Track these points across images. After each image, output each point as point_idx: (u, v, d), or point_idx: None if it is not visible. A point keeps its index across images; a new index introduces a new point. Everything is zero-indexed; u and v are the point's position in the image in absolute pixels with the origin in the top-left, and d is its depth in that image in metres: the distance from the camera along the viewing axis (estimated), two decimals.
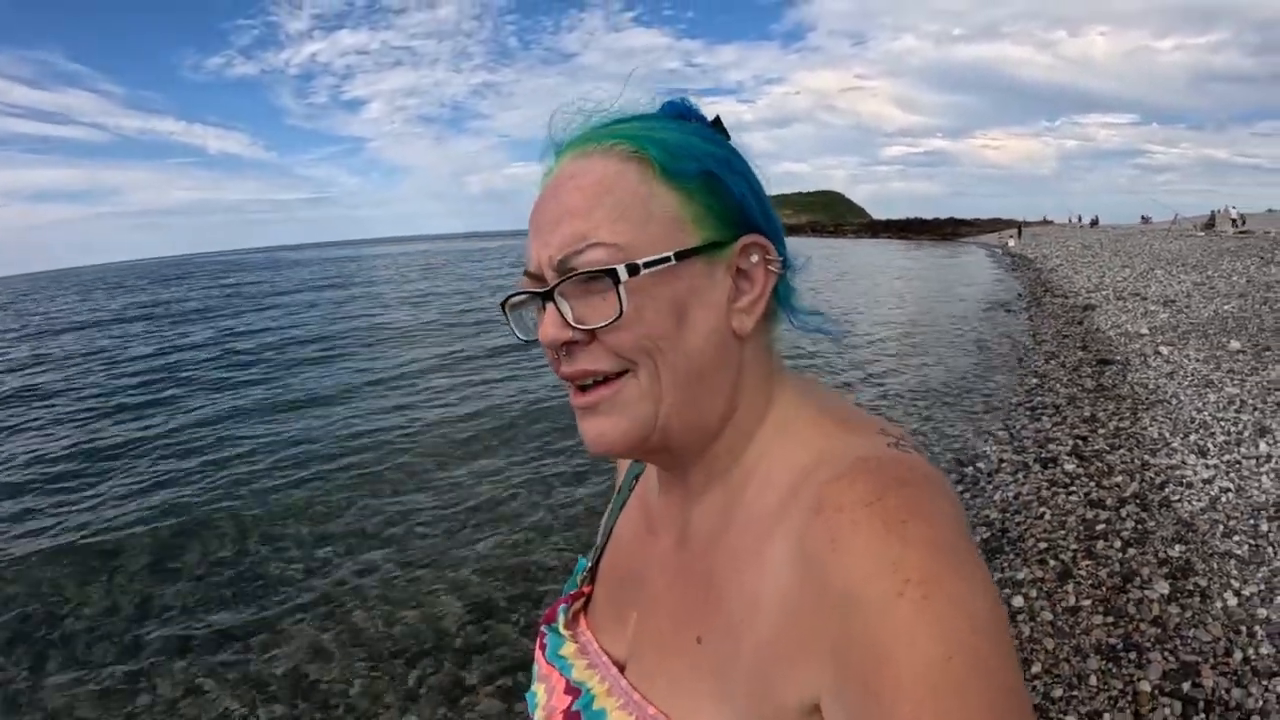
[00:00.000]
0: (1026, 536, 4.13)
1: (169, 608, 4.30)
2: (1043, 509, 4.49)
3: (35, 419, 9.32)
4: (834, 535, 0.47)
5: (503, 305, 0.62)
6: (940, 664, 0.41)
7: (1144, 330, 9.99)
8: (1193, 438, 5.46)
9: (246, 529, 5.34)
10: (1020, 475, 5.18)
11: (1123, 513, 4.29)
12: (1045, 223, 74.41)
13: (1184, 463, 5.00)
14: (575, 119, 0.61)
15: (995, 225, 74.54)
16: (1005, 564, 3.86)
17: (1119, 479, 4.84)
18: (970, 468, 5.54)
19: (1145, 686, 2.75)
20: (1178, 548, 3.80)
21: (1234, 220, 32.99)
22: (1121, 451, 5.38)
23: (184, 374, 11.92)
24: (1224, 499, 4.35)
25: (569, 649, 0.71)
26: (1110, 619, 3.22)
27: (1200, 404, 6.25)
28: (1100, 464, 5.18)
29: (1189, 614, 3.21)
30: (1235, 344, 8.33)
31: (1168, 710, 2.62)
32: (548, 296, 0.56)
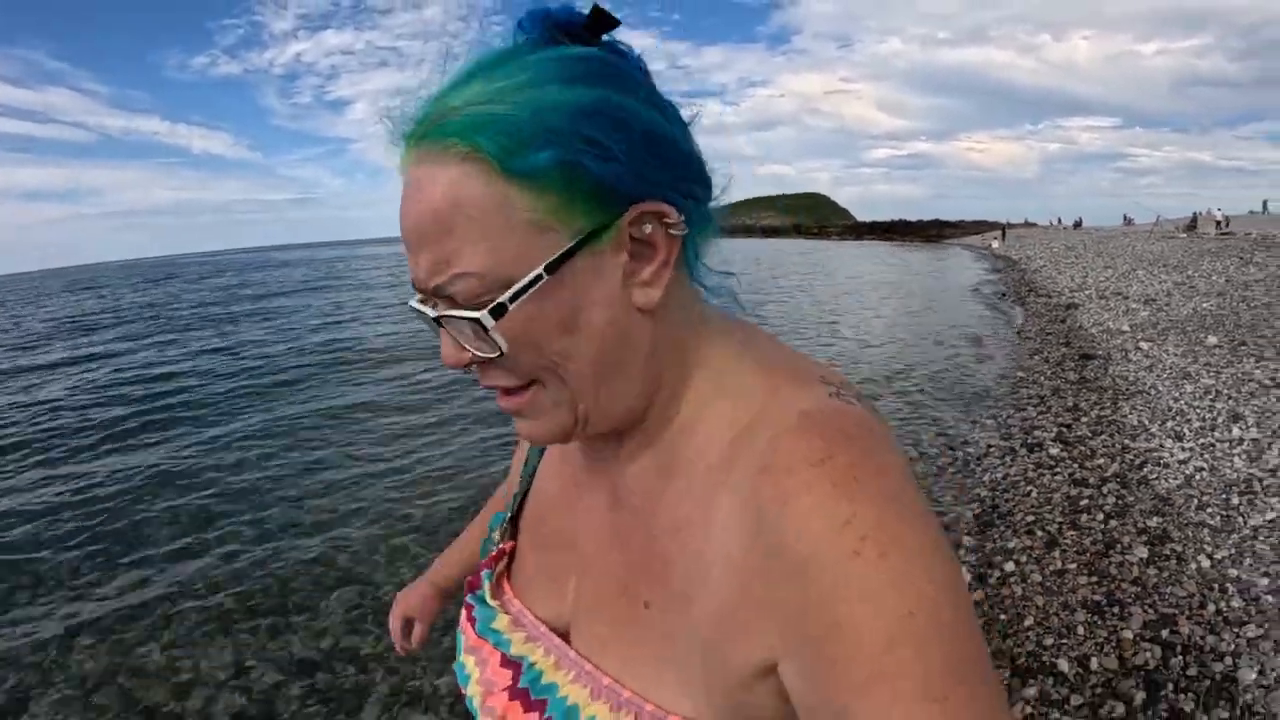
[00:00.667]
0: (1015, 511, 4.42)
1: (198, 592, 4.33)
2: (1029, 488, 4.77)
3: (45, 415, 9.36)
4: (783, 496, 0.46)
5: (411, 305, 0.57)
6: (901, 620, 0.41)
7: (1125, 327, 10.34)
8: (1170, 424, 5.76)
9: (263, 518, 5.39)
10: (1008, 459, 5.47)
11: (1104, 490, 4.58)
12: (1028, 225, 75.43)
13: (1161, 446, 5.30)
14: (412, 97, 0.51)
15: (979, 227, 75.48)
16: (996, 535, 4.14)
17: (1100, 461, 5.14)
18: (960, 451, 5.83)
19: (1128, 634, 3.03)
20: (1155, 519, 4.09)
21: (1218, 222, 33.55)
22: (1103, 437, 5.68)
23: (199, 370, 11.89)
24: (1198, 477, 4.64)
25: (501, 622, 0.68)
26: (1094, 579, 3.51)
27: (1177, 394, 6.56)
28: (1083, 448, 5.48)
29: (1166, 574, 3.50)
30: (1213, 339, 8.67)
31: (1149, 654, 2.90)
32: (437, 322, 0.52)
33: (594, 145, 0.47)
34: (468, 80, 0.49)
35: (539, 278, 0.48)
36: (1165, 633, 3.03)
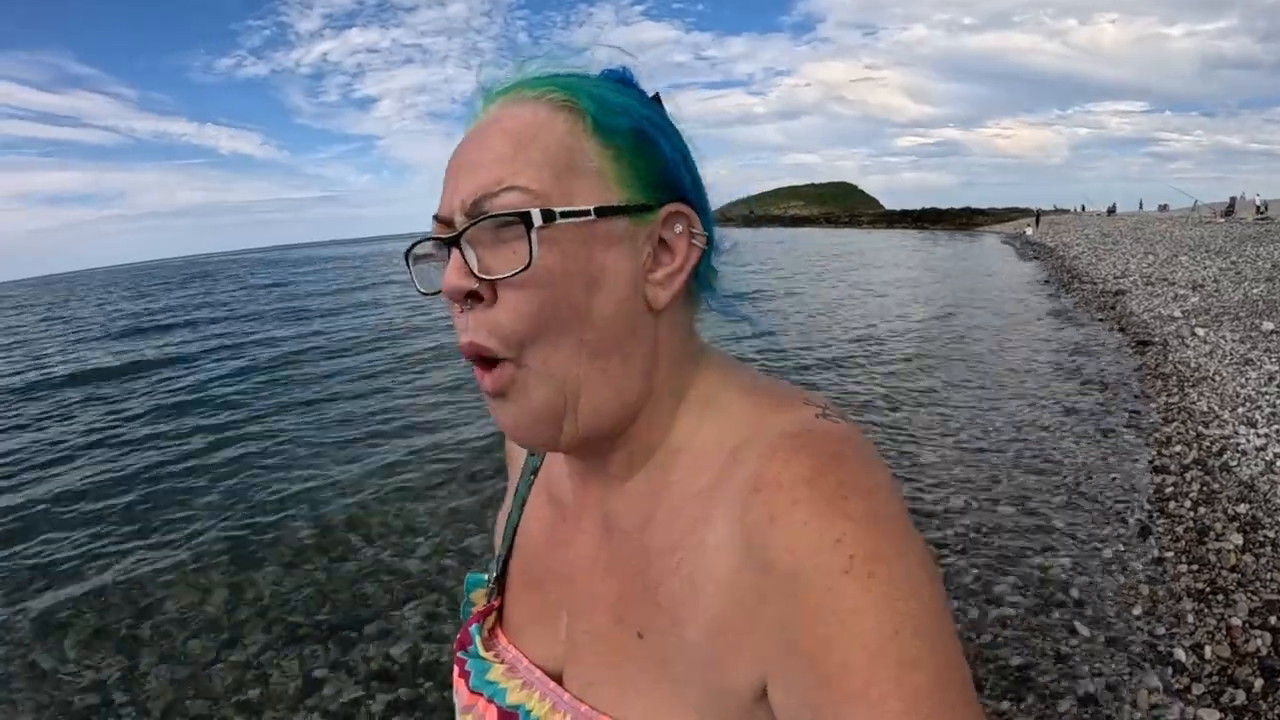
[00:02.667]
0: (1102, 497, 4.44)
1: (261, 602, 4.16)
2: (1112, 475, 4.79)
3: (103, 427, 9.28)
4: (774, 514, 0.46)
5: (406, 254, 0.58)
6: (889, 637, 0.42)
7: (1177, 313, 10.22)
8: (1240, 410, 5.73)
9: (324, 526, 5.16)
10: (1084, 443, 5.49)
11: (1187, 477, 4.59)
12: (1058, 211, 74.50)
13: (1236, 433, 5.28)
14: (508, 67, 0.58)
15: (1011, 214, 74.61)
16: (1087, 520, 4.17)
17: (1178, 448, 5.14)
18: (1034, 436, 5.84)
19: (1236, 621, 3.06)
20: (1243, 506, 4.10)
21: (1258, 207, 32.88)
22: (1175, 424, 5.67)
23: (250, 375, 11.80)
24: (1279, 464, 4.64)
25: (497, 672, 0.66)
26: (1194, 567, 3.54)
27: (1243, 381, 6.51)
28: (1158, 435, 5.48)
29: (1264, 560, 3.51)
30: (1269, 325, 8.55)
31: (1259, 640, 2.93)
32: (454, 242, 0.52)
33: (662, 130, 0.55)
34: (558, 75, 0.56)
35: (586, 212, 0.51)
36: (1273, 619, 3.05)
